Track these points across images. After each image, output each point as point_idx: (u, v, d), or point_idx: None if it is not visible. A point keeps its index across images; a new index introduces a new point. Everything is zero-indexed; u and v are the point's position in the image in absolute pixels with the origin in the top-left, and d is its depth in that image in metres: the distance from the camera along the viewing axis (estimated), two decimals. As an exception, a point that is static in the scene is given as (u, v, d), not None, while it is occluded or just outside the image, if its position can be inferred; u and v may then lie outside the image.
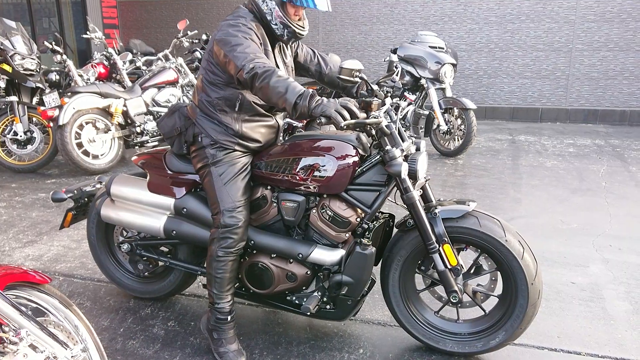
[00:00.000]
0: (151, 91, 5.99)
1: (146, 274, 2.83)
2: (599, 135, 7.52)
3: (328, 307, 2.44)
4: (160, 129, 2.59)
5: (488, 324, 2.40)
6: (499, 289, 2.40)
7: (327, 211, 2.33)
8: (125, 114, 5.72)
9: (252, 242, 2.42)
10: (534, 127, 8.23)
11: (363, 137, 2.37)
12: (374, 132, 2.27)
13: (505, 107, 8.93)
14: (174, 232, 2.54)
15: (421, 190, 2.36)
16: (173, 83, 6.20)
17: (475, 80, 9.06)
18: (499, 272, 2.36)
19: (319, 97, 2.06)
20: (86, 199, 2.94)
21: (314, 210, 2.38)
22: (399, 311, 2.46)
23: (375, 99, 2.25)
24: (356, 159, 2.29)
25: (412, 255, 2.39)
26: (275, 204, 2.44)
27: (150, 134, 5.88)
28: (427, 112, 6.33)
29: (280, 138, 2.61)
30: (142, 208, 2.62)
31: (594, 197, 4.76)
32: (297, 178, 2.33)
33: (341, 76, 2.18)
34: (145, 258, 2.79)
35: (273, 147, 2.48)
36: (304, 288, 2.48)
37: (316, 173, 2.29)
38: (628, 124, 8.38)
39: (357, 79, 2.21)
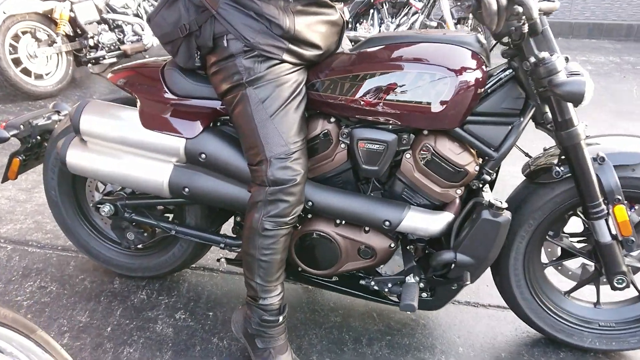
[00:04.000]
0: (104, -7, 4.79)
1: (139, 246, 1.96)
2: (609, 52, 6.84)
3: (424, 294, 1.68)
4: (154, 28, 1.63)
5: (648, 310, 1.70)
6: (664, 262, 1.68)
7: (432, 156, 1.51)
8: (73, 21, 4.53)
9: (310, 203, 1.59)
10: (538, 43, 7.45)
11: (482, 38, 1.51)
12: (513, 31, 1.39)
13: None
14: (187, 189, 1.66)
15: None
16: (131, -17, 4.99)
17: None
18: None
19: None
20: (38, 137, 1.99)
21: (408, 155, 1.55)
22: (519, 293, 1.72)
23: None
24: (480, 74, 1.44)
25: (551, 218, 1.62)
26: (343, 145, 1.59)
27: (107, 48, 4.74)
28: (435, 24, 5.45)
29: (347, 45, 1.73)
30: (131, 152, 1.71)
31: (644, 122, 4.11)
32: (383, 105, 1.47)
33: None
34: (137, 224, 1.92)
35: (338, 56, 1.59)
36: (380, 266, 1.71)
37: (415, 96, 1.44)
38: (634, 39, 7.72)
39: None
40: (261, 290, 1.56)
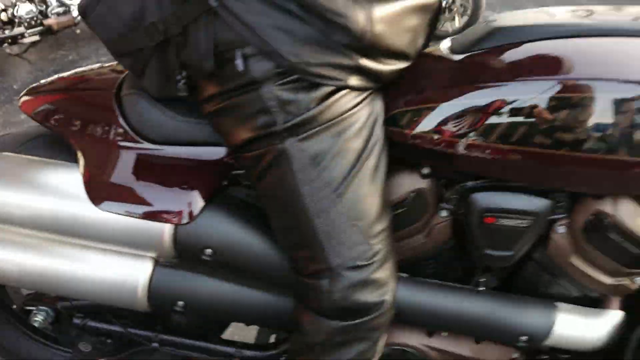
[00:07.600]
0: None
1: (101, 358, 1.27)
2: None
3: None
4: (96, 27, 0.89)
5: None
6: None
7: (609, 230, 0.88)
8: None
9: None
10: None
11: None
12: None
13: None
14: (181, 302, 0.98)
15: None
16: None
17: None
18: None
19: None
20: None
21: (562, 229, 0.93)
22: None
23: None
24: None
25: None
26: (445, 214, 0.94)
27: (25, 23, 3.80)
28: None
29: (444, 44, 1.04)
30: (74, 245, 0.99)
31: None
32: (532, 156, 0.83)
33: None
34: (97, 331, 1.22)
35: (429, 65, 0.93)
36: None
37: (595, 143, 0.81)
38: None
39: None
40: None
